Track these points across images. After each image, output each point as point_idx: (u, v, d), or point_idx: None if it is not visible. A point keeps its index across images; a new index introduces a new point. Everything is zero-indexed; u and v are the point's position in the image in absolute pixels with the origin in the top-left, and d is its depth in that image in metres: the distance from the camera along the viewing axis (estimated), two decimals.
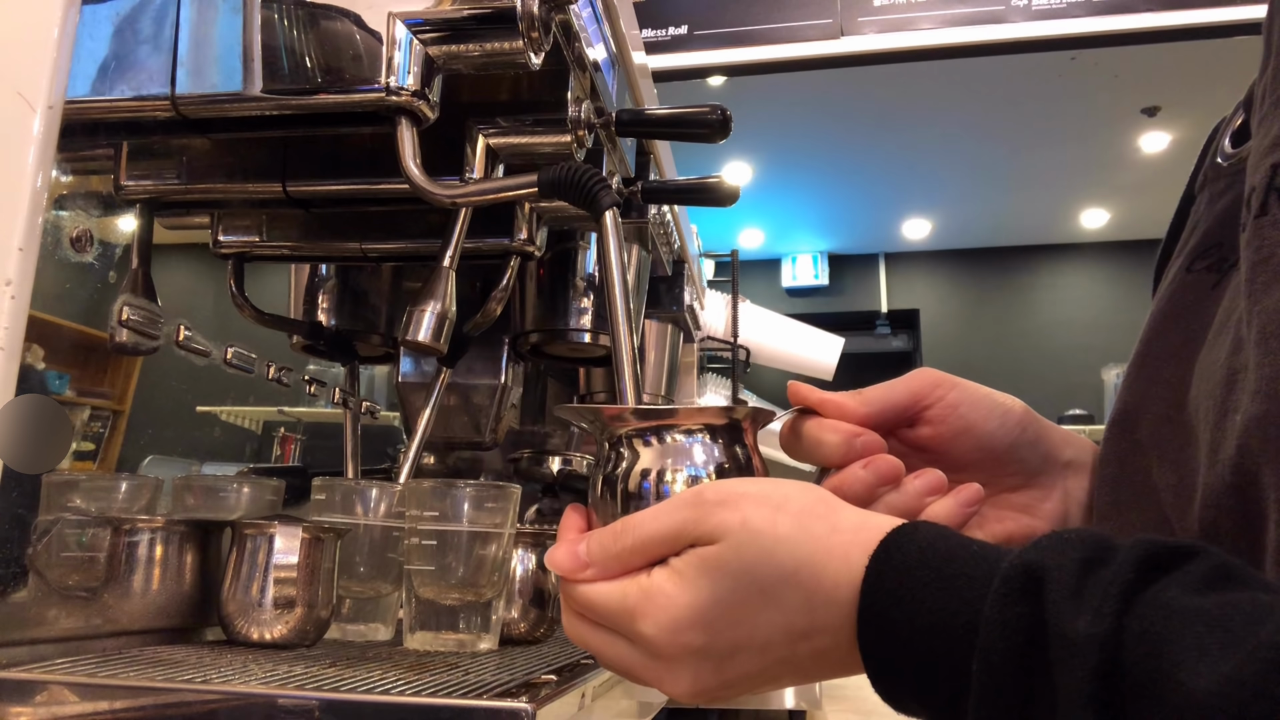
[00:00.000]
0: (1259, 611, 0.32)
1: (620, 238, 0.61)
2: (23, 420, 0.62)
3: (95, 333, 0.80)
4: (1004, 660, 0.35)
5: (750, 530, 0.42)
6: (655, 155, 1.18)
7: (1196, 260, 0.54)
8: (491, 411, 1.15)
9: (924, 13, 2.54)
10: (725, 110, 0.90)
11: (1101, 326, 5.34)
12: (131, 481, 0.80)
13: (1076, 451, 0.61)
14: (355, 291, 1.08)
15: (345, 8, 0.68)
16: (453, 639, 0.76)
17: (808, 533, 0.42)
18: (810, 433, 0.56)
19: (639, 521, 0.45)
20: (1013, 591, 0.36)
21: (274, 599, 0.71)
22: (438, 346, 0.75)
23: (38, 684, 0.56)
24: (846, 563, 0.40)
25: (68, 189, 0.76)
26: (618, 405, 0.49)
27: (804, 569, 0.41)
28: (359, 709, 0.54)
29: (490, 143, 0.80)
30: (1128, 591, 0.34)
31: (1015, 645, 0.35)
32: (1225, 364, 0.45)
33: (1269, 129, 0.45)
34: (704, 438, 0.48)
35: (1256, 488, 0.41)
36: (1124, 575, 0.34)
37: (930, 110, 4.18)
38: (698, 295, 1.69)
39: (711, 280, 2.72)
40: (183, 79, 0.70)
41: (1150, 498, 0.51)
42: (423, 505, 0.76)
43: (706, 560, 0.42)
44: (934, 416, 0.58)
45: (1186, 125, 4.25)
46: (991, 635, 0.35)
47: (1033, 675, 0.34)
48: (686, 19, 2.65)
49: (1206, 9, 2.38)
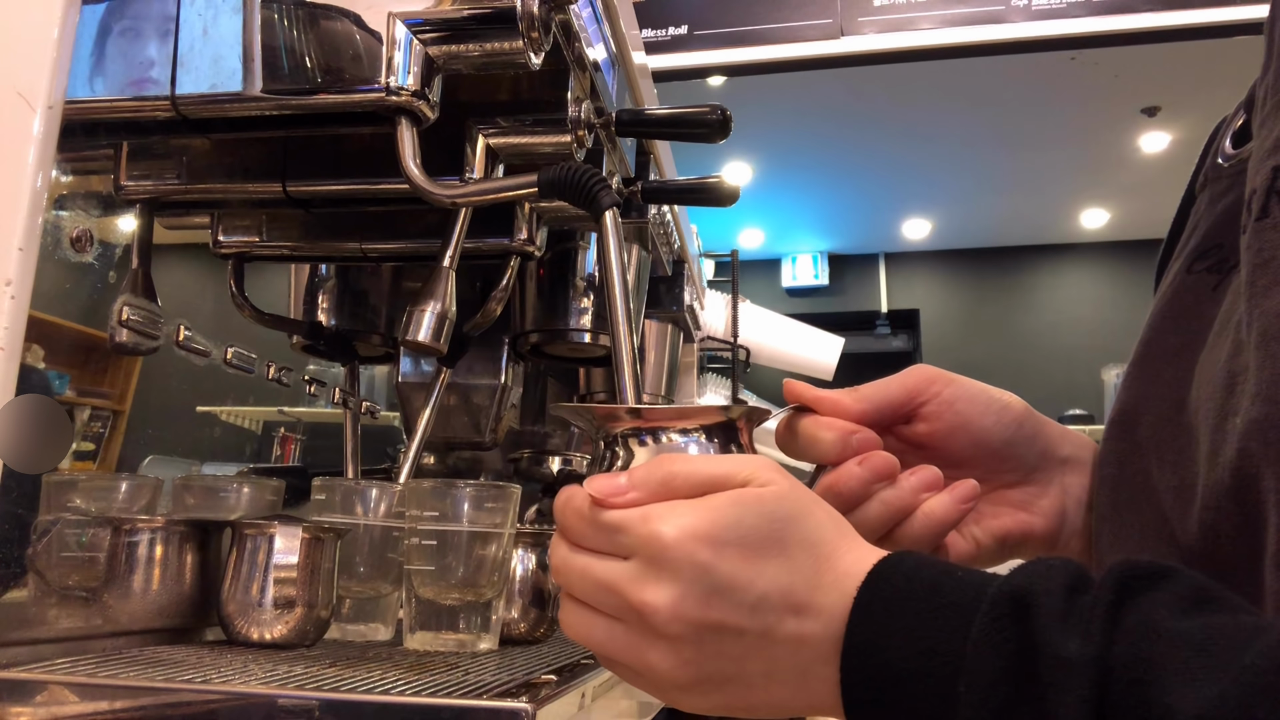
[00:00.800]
0: (1241, 635, 0.32)
1: (620, 238, 0.61)
2: (23, 420, 0.62)
3: (95, 333, 0.80)
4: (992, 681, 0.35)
5: (795, 494, 0.43)
6: (655, 155, 1.18)
7: (1196, 261, 0.54)
8: (491, 411, 1.15)
9: (924, 13, 2.54)
10: (725, 110, 0.90)
11: (1101, 326, 5.34)
12: (131, 481, 0.80)
13: (1074, 448, 0.61)
14: (355, 291, 1.08)
15: (345, 8, 0.68)
16: (453, 639, 0.76)
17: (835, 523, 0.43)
18: (806, 430, 0.56)
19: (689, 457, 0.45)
20: (1000, 616, 0.36)
21: (274, 599, 0.71)
22: (438, 346, 0.75)
23: (38, 684, 0.56)
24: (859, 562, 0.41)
25: (68, 189, 0.76)
26: (613, 405, 0.49)
27: (825, 545, 0.42)
28: (359, 709, 0.54)
29: (490, 143, 0.80)
30: (1111, 613, 0.34)
31: (1003, 667, 0.35)
32: (1225, 366, 0.45)
33: (1270, 131, 0.45)
34: (700, 437, 0.48)
35: (1257, 490, 0.41)
36: (1105, 597, 0.35)
37: (930, 110, 4.18)
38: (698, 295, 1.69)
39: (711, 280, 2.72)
40: (183, 79, 0.70)
41: (1150, 499, 0.51)
42: (423, 505, 0.76)
43: (745, 495, 0.42)
44: (930, 413, 0.58)
45: (1186, 125, 4.25)
46: (980, 658, 0.35)
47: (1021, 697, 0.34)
48: (686, 19, 2.65)
49: (1206, 9, 2.38)
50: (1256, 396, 0.41)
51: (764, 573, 0.40)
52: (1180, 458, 0.48)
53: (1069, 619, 0.35)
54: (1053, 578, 0.36)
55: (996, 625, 0.36)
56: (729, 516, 0.41)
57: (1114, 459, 0.55)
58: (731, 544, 0.41)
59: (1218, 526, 0.43)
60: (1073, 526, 0.60)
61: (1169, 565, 0.37)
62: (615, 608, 0.43)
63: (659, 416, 0.49)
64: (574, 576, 0.44)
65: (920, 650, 0.37)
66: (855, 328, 5.37)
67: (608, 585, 0.42)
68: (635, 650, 0.42)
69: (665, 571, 0.41)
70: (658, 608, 0.41)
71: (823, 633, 0.40)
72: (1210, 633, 0.33)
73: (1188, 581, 0.36)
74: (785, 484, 0.43)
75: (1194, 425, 0.47)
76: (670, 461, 0.44)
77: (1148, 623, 0.34)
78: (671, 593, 0.40)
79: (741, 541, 0.41)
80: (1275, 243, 0.42)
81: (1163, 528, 0.49)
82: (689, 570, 0.40)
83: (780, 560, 0.41)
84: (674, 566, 0.41)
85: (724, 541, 0.41)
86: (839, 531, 0.43)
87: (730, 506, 0.41)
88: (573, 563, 0.44)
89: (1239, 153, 0.54)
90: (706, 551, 0.40)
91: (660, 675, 0.42)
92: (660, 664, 0.42)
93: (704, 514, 0.41)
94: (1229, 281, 0.50)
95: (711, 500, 0.42)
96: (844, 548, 0.42)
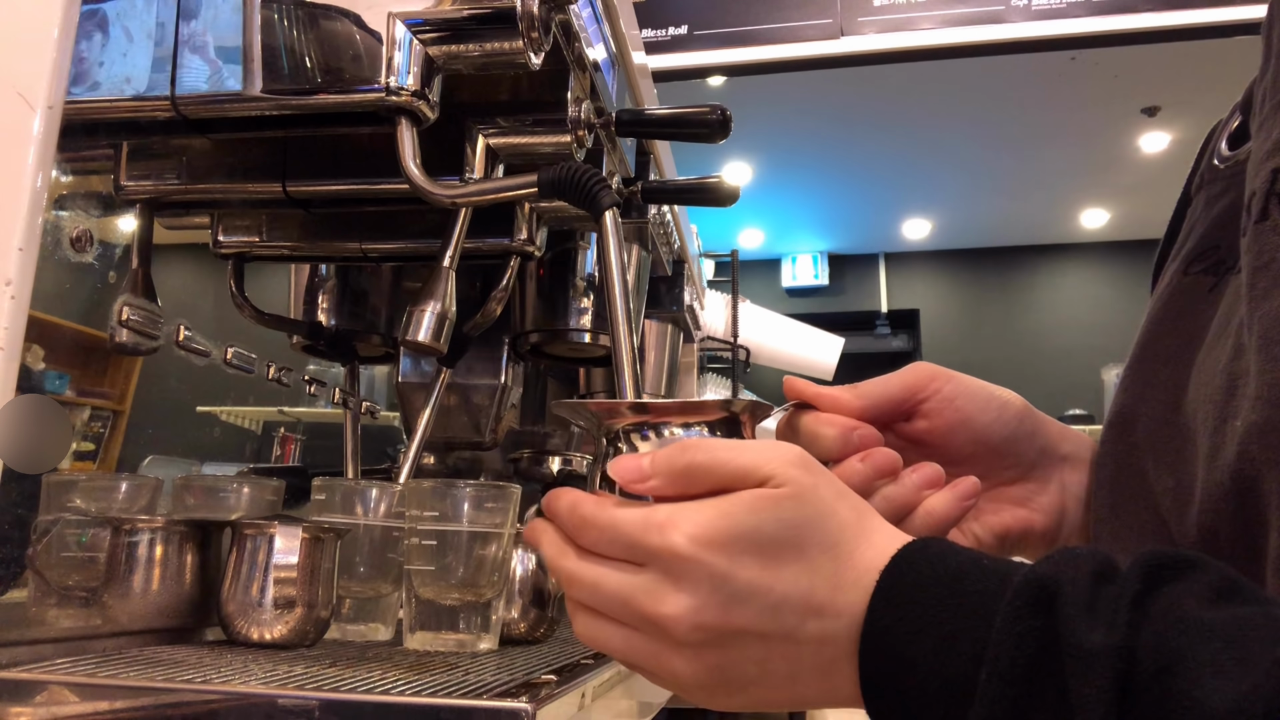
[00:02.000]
0: (1272, 628, 0.32)
1: (620, 238, 0.61)
2: (23, 420, 0.62)
3: (95, 333, 0.80)
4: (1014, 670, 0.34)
5: (815, 493, 0.41)
6: (655, 155, 1.18)
7: (1193, 263, 0.54)
8: (491, 411, 1.15)
9: (924, 13, 2.54)
10: (725, 110, 0.90)
11: (1101, 326, 5.34)
12: (131, 481, 0.80)
13: (1074, 446, 0.61)
14: (355, 291, 1.08)
15: (345, 8, 0.68)
16: (453, 639, 0.76)
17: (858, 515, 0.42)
18: (807, 427, 0.56)
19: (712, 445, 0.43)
20: (1025, 605, 0.35)
21: (274, 599, 0.71)
22: (438, 346, 0.75)
23: (38, 684, 0.56)
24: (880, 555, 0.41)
25: (68, 189, 0.76)
26: (614, 400, 0.49)
27: (845, 544, 0.41)
28: (359, 709, 0.54)
29: (490, 143, 0.80)
30: (1138, 601, 0.34)
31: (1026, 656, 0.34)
32: (1225, 369, 0.45)
33: (1269, 133, 0.45)
34: (702, 431, 0.48)
35: (1256, 494, 0.41)
36: (1132, 586, 0.34)
37: (930, 110, 4.18)
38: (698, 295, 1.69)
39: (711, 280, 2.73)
40: (183, 79, 0.70)
41: (1147, 500, 0.51)
42: (423, 505, 0.76)
43: (761, 499, 0.41)
44: (930, 410, 0.58)
45: (1186, 125, 4.25)
46: (1002, 646, 0.35)
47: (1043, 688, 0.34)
48: (686, 19, 2.65)
49: (1206, 9, 2.38)
50: (1257, 400, 0.41)
51: (783, 578, 0.40)
52: (1177, 459, 0.48)
53: (1094, 608, 0.34)
54: (1079, 566, 0.36)
55: (1020, 614, 0.35)
56: (745, 524, 0.40)
57: (1111, 460, 0.55)
58: (748, 552, 0.40)
59: (1216, 528, 0.43)
60: (1072, 523, 0.60)
61: (1197, 555, 0.36)
62: (632, 619, 0.42)
63: (662, 411, 0.48)
64: (586, 589, 0.43)
65: (942, 637, 0.37)
66: (855, 328, 5.37)
67: (624, 599, 0.42)
68: (656, 658, 0.42)
69: (683, 582, 0.40)
70: (678, 619, 0.40)
71: (845, 631, 0.40)
72: (1240, 625, 0.32)
73: (1216, 572, 0.35)
74: (807, 482, 0.41)
75: (1191, 427, 0.47)
76: (693, 450, 0.43)
77: (1175, 613, 0.33)
78: (690, 603, 0.40)
79: (758, 548, 0.40)
80: (1275, 245, 0.42)
81: (1160, 529, 0.49)
82: (706, 580, 0.40)
83: (799, 564, 0.40)
84: (692, 576, 0.40)
85: (740, 549, 0.40)
86: (860, 526, 0.42)
87: (746, 514, 0.40)
88: (584, 574, 0.43)
89: (1235, 154, 0.55)
90: (723, 560, 0.40)
91: (683, 680, 0.42)
92: (683, 670, 0.41)
93: (719, 521, 0.40)
94: (1226, 283, 0.50)
95: (727, 505, 0.41)
96: (865, 542, 0.41)
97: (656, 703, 0.92)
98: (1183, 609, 0.33)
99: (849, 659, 0.40)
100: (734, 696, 0.42)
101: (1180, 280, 0.54)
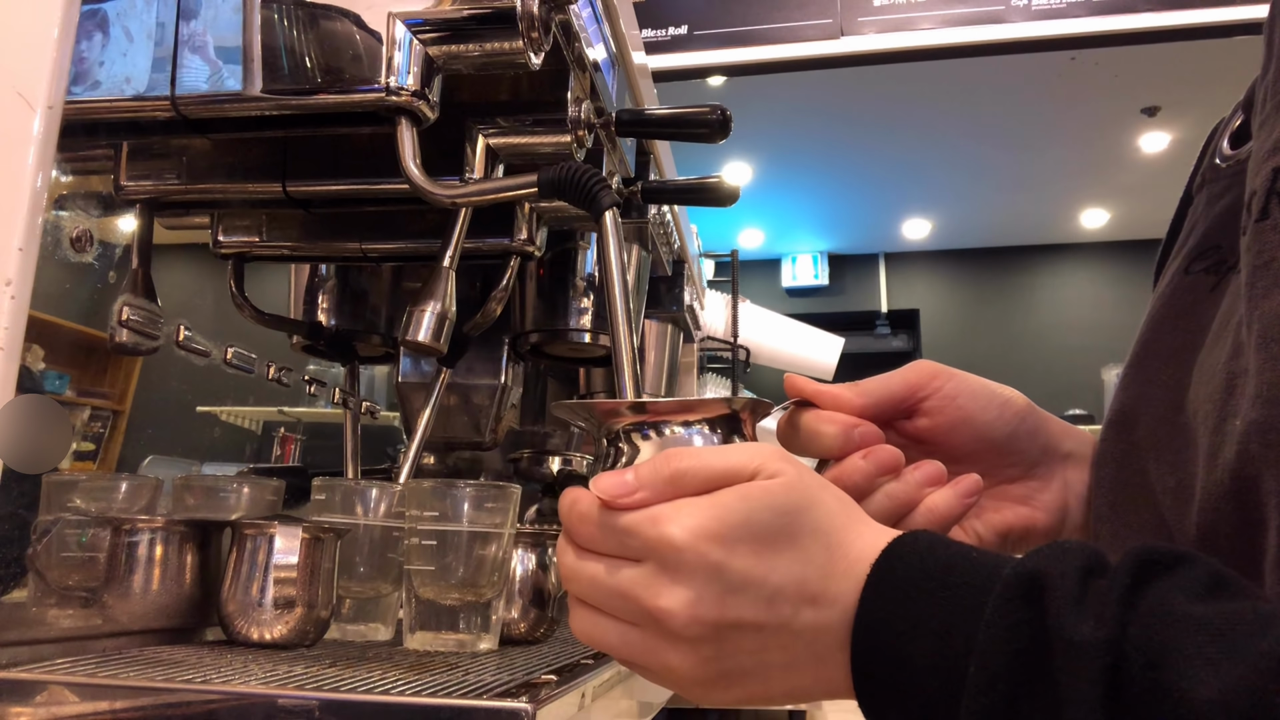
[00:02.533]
0: (1259, 622, 0.32)
1: (620, 238, 0.61)
2: (23, 420, 0.62)
3: (95, 333, 0.80)
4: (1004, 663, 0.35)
5: (802, 483, 0.42)
6: (655, 155, 1.18)
7: (1194, 262, 0.54)
8: (491, 411, 1.15)
9: (924, 13, 2.54)
10: (725, 110, 0.90)
11: (1101, 326, 5.34)
12: (131, 481, 0.80)
13: (1076, 444, 0.61)
14: (355, 291, 1.08)
15: (345, 8, 0.68)
16: (453, 639, 0.76)
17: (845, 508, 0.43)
18: (808, 425, 0.56)
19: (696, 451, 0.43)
20: (1014, 598, 0.36)
21: (274, 599, 0.71)
22: (438, 346, 0.75)
23: (38, 684, 0.56)
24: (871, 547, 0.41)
25: (68, 189, 0.76)
26: (614, 400, 0.49)
27: (836, 533, 0.41)
28: (359, 709, 0.54)
29: (490, 143, 0.80)
30: (1127, 596, 0.34)
31: (1015, 648, 0.35)
32: (1225, 368, 0.45)
33: (1270, 132, 0.45)
34: (703, 429, 0.48)
35: (1256, 493, 0.41)
36: (1122, 581, 0.34)
37: (930, 110, 4.18)
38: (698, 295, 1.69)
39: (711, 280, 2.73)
40: (183, 79, 0.70)
41: (1147, 499, 0.51)
42: (423, 505, 0.76)
43: (752, 489, 0.41)
44: (931, 408, 0.58)
45: (1186, 125, 4.25)
46: (992, 638, 0.35)
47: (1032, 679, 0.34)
48: (686, 19, 2.66)
49: (1206, 9, 2.38)
50: (1257, 399, 0.41)
51: (777, 567, 0.40)
52: (1178, 458, 0.48)
53: (1084, 602, 0.34)
54: (1068, 560, 0.36)
55: (1010, 607, 0.35)
56: (738, 514, 0.41)
57: (1111, 459, 0.55)
58: (742, 541, 0.40)
59: (1216, 527, 0.43)
60: (1074, 521, 0.60)
61: (1187, 551, 0.36)
62: (630, 613, 0.42)
63: (662, 410, 0.48)
64: (584, 584, 0.44)
65: (931, 630, 0.37)
66: (855, 328, 5.37)
67: (621, 593, 0.42)
68: (653, 653, 0.42)
69: (679, 574, 0.40)
70: (675, 612, 0.40)
71: (839, 620, 0.40)
72: (1227, 618, 0.32)
73: (1205, 567, 0.35)
74: (793, 472, 0.42)
75: (1192, 426, 0.47)
76: (677, 457, 0.43)
77: (1164, 607, 0.33)
78: (687, 596, 0.40)
79: (752, 538, 0.40)
80: (1275, 244, 0.42)
81: (1160, 528, 0.49)
82: (702, 571, 0.40)
83: (792, 552, 0.41)
84: (687, 569, 0.40)
85: (735, 539, 0.40)
86: (849, 517, 0.42)
87: (738, 503, 0.41)
88: (582, 570, 0.44)
89: (1237, 153, 0.55)
90: (718, 551, 0.40)
91: (680, 675, 0.42)
92: (680, 665, 0.42)
93: (713, 513, 0.41)
94: (1227, 282, 0.50)
95: (719, 498, 0.41)
96: (854, 533, 0.42)
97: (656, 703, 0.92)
98: (1171, 603, 0.34)
99: (842, 648, 0.40)
100: (730, 690, 0.42)
101: (1181, 279, 0.54)
